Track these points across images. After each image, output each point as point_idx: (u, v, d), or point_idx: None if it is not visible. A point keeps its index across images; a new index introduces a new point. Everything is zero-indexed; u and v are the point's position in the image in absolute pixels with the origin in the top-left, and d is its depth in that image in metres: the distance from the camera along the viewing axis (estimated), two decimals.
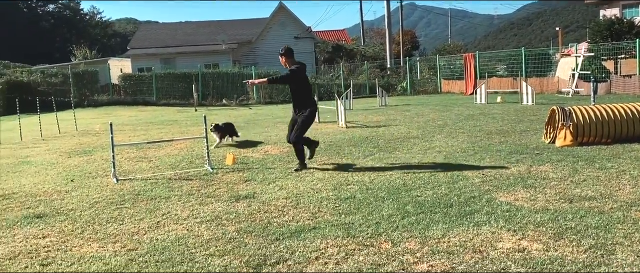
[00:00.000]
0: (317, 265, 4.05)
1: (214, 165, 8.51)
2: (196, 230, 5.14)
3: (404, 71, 32.67)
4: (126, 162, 9.37)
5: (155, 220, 5.56)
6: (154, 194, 6.77)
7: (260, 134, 12.79)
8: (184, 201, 6.34)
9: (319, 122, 14.97)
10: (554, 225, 4.69)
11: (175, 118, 19.47)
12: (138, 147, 11.02)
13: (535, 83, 23.19)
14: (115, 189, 7.19)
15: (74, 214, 5.99)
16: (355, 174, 7.42)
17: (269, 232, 4.93)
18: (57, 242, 4.99)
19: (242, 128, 14.58)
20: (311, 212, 5.57)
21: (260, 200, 6.22)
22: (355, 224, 5.05)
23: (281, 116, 18.33)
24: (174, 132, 14.04)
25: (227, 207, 5.95)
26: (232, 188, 6.90)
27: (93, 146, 11.90)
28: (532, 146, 8.91)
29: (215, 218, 5.53)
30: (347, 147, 9.93)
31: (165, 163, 9.14)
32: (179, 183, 7.40)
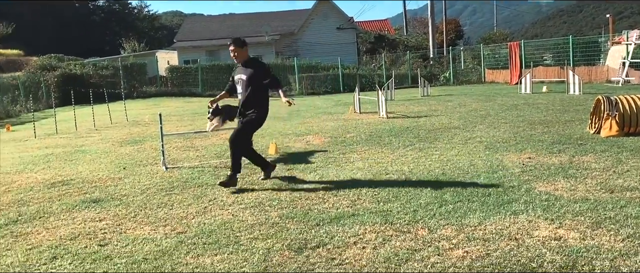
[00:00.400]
0: (355, 250, 4.22)
1: None
2: (241, 215, 5.40)
3: (447, 61, 32.28)
4: (174, 150, 9.77)
5: (203, 206, 5.85)
6: (201, 181, 7.09)
7: (302, 125, 13.03)
8: (229, 188, 6.62)
9: (360, 112, 15.10)
10: (593, 215, 4.70)
11: None
12: (185, 136, 11.45)
13: (584, 72, 22.52)
14: (165, 176, 7.56)
15: (127, 199, 6.36)
16: (394, 163, 7.53)
17: (310, 218, 5.14)
18: (113, 225, 5.34)
19: (285, 119, 14.87)
20: (350, 200, 5.74)
21: (301, 188, 6.43)
22: (393, 211, 5.19)
23: (323, 107, 18.53)
24: None
25: (269, 194, 6.19)
26: (274, 177, 7.13)
27: (143, 136, 12.43)
28: (576, 136, 8.78)
29: (259, 204, 5.77)
30: (387, 137, 10.03)
31: (211, 152, 9.49)
32: (224, 171, 7.70)
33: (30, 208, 6.15)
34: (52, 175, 8.15)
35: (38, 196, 6.77)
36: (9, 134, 15.76)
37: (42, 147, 11.77)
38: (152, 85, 30.78)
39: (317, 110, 17.35)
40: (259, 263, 4.04)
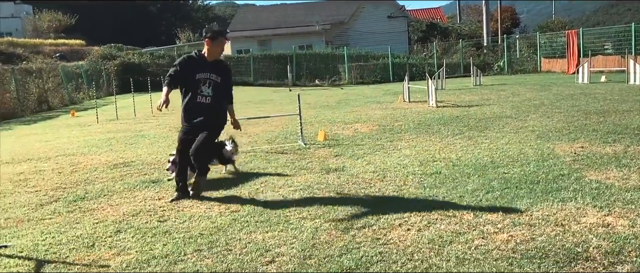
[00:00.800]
0: (400, 231, 4.35)
1: (307, 141, 9.00)
2: (290, 197, 5.61)
3: (501, 50, 31.50)
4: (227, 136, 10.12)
5: (255, 187, 6.11)
6: (253, 165, 7.36)
7: (350, 113, 13.16)
8: (280, 172, 6.87)
9: (410, 101, 15.07)
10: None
11: (271, 97, 20.36)
12: None
13: None
14: None
15: None
16: (442, 151, 7.56)
17: (357, 201, 5.28)
18: (170, 203, 5.67)
19: (333, 107, 15.04)
20: (397, 185, 5.85)
21: (349, 173, 6.58)
22: (438, 197, 5.27)
23: (371, 96, 18.58)
24: (270, 111, 14.78)
25: (318, 178, 6.38)
26: (323, 162, 7.33)
27: None
28: (633, 126, 8.51)
29: (308, 187, 5.97)
30: (436, 126, 10.02)
31: (263, 138, 9.79)
32: (275, 156, 7.96)
33: (95, 187, 6.59)
34: (115, 157, 8.65)
35: (102, 176, 7.23)
36: (74, 120, 16.67)
37: (104, 132, 12.44)
38: None
39: (366, 99, 17.41)
40: (307, 241, 4.23)
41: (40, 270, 3.97)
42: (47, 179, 7.17)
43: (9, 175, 7.63)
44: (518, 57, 30.95)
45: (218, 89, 5.72)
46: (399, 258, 3.77)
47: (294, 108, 14.22)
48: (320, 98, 18.74)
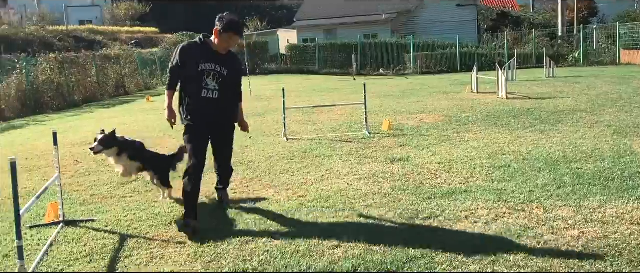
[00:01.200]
0: (466, 223, 4.34)
1: (371, 130, 9.04)
2: (355, 185, 5.71)
3: (577, 40, 30.01)
4: (294, 124, 10.34)
5: (320, 174, 6.25)
6: (319, 153, 7.51)
7: (416, 103, 13.05)
8: (345, 160, 6.97)
9: (478, 92, 14.73)
10: None
11: (336, 86, 20.48)
12: (303, 111, 12.02)
13: None
14: (286, 146, 8.09)
15: (253, 165, 6.96)
16: (512, 144, 7.40)
17: (422, 191, 5.31)
18: (241, 186, 5.92)
19: (398, 97, 14.95)
20: (463, 177, 5.80)
21: (414, 163, 6.59)
22: (507, 190, 5.19)
23: (438, 86, 18.29)
24: (335, 99, 14.89)
25: (383, 168, 6.43)
26: (387, 152, 7.36)
27: (265, 110, 13.23)
28: None
29: (372, 176, 6.04)
30: (505, 118, 9.78)
31: (328, 126, 9.92)
32: (340, 144, 8.08)
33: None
34: None
35: None
36: (149, 104, 17.51)
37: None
38: (273, 62, 32.22)
39: (432, 89, 17.17)
40: (373, 228, 4.32)
41: (123, 244, 4.28)
42: None
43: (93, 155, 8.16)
44: (595, 48, 29.36)
45: (225, 84, 4.69)
46: (465, 250, 3.78)
47: (358, 97, 14.25)
48: (384, 87, 18.66)
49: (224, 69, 4.68)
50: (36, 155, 8.44)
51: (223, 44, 4.64)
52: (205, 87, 4.63)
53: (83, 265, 3.86)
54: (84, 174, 6.89)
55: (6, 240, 4.45)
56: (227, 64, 4.73)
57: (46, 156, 8.29)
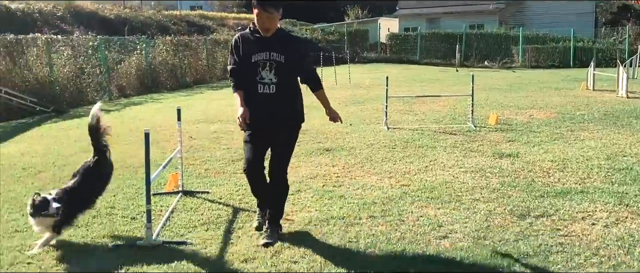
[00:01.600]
0: (583, 225, 4.11)
1: (477, 124, 8.77)
2: (461, 177, 5.59)
3: None
4: (394, 113, 10.29)
5: (424, 165, 6.19)
6: (421, 143, 7.42)
7: (524, 98, 12.46)
8: (449, 152, 6.84)
9: (594, 89, 13.76)
10: None
11: (437, 77, 20.05)
12: (404, 100, 11.91)
13: None
14: (387, 135, 8.08)
15: (354, 151, 7.04)
16: (634, 146, 6.86)
17: (533, 189, 5.08)
18: (344, 171, 6.01)
19: (506, 91, 14.34)
20: (579, 177, 5.48)
21: (524, 160, 6.32)
22: (629, 194, 4.84)
23: (548, 81, 17.31)
24: (436, 90, 14.59)
25: (490, 162, 6.23)
26: (495, 146, 7.11)
27: (364, 98, 13.27)
28: None
29: (479, 170, 5.88)
30: (626, 118, 9.06)
31: (430, 117, 9.76)
32: (443, 136, 7.93)
33: None
34: None
35: None
36: None
37: None
38: (372, 51, 32.12)
39: (542, 84, 16.27)
40: (481, 222, 4.21)
41: (236, 216, 4.53)
42: (235, 139, 8.01)
43: (204, 132, 8.68)
44: None
45: (283, 72, 3.91)
46: (582, 251, 3.59)
47: (461, 89, 13.87)
48: (490, 80, 17.96)
49: (280, 54, 3.89)
50: (154, 130, 9.10)
51: (263, 22, 3.82)
52: (261, 81, 3.88)
53: (201, 233, 4.13)
54: (198, 150, 7.34)
55: (133, 204, 4.88)
56: (282, 48, 3.91)
57: (163, 131, 8.92)
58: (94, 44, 15.89)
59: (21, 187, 5.60)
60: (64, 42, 14.98)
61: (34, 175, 6.12)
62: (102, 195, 4.30)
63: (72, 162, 6.72)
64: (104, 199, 5.04)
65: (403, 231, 4.07)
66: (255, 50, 3.89)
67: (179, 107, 5.32)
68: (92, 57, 15.70)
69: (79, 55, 15.23)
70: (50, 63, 13.67)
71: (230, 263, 3.57)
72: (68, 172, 6.22)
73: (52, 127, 10.26)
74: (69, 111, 12.64)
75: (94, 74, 15.45)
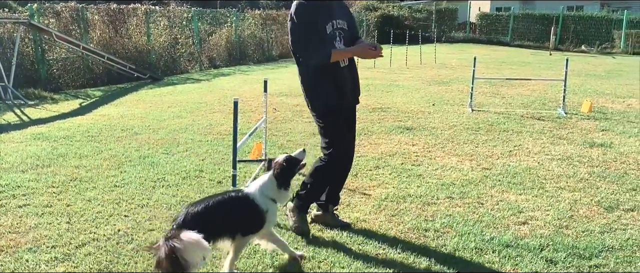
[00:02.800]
0: None
1: (568, 110, 8.36)
2: (546, 165, 5.39)
3: None
4: (480, 95, 10.00)
5: (508, 149, 6.02)
6: (506, 127, 7.20)
7: (623, 86, 11.65)
8: (535, 138, 6.59)
9: None
10: None
11: (528, 60, 19.15)
12: (491, 83, 11.53)
13: None
14: (471, 117, 7.91)
15: (435, 131, 6.96)
16: None
17: (625, 181, 4.82)
18: (423, 151, 5.99)
19: (603, 78, 13.47)
20: None
21: (617, 150, 5.98)
22: None
23: None
24: (526, 74, 13.96)
25: (579, 151, 5.95)
26: (586, 135, 6.77)
27: (449, 78, 12.98)
28: None
29: (567, 158, 5.64)
30: None
31: (517, 101, 9.41)
32: (530, 121, 7.63)
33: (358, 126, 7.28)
34: (373, 102, 9.34)
35: (362, 117, 7.91)
36: None
37: (363, 78, 13.40)
38: (461, 31, 31.13)
39: None
40: (565, 211, 4.08)
41: None
42: None
43: (288, 105, 8.91)
44: None
45: (348, 41, 3.60)
46: None
47: (553, 73, 13.19)
48: (586, 66, 16.91)
49: (344, 21, 3.58)
50: (241, 101, 9.40)
51: None
52: (335, 47, 3.52)
53: None
54: (281, 121, 7.58)
55: (220, 169, 5.16)
56: (344, 14, 3.63)
57: (249, 102, 9.26)
58: (188, 15, 16.63)
59: (119, 146, 6.07)
60: (161, 13, 15.80)
61: (131, 136, 6.61)
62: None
63: (165, 126, 7.19)
64: (193, 163, 5.37)
65: (481, 214, 4.03)
66: (326, 18, 3.50)
67: (266, 78, 5.50)
68: (185, 28, 16.46)
69: (174, 26, 16.02)
70: (148, 32, 14.51)
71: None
72: (162, 135, 6.68)
73: (148, 92, 10.95)
74: (163, 78, 13.40)
75: (187, 44, 16.21)
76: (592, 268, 3.18)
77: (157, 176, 4.92)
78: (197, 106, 8.88)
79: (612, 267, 3.19)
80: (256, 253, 3.32)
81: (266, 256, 3.28)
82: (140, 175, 4.94)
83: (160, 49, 14.88)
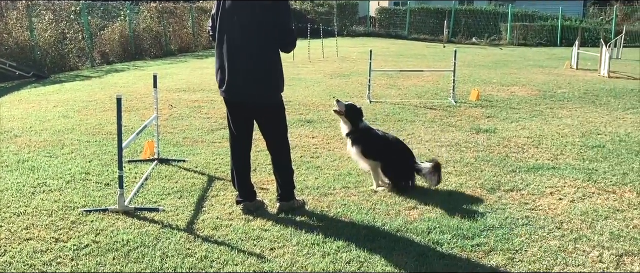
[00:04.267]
0: (550, 199, 4.20)
1: (458, 99, 8.82)
2: (436, 151, 5.65)
3: None
4: (378, 87, 10.29)
5: (402, 138, 6.19)
6: (401, 117, 7.47)
7: (508, 75, 12.53)
8: (427, 126, 6.89)
9: (577, 68, 13.86)
10: None
11: (423, 52, 20.03)
12: (389, 75, 11.92)
13: None
14: (369, 108, 8.09)
15: (335, 123, 7.02)
16: (609, 125, 6.96)
17: (506, 164, 5.16)
18: (322, 143, 6.05)
19: (490, 67, 14.39)
20: (552, 154, 5.57)
21: (500, 135, 6.39)
22: (598, 171, 4.93)
23: (533, 59, 17.39)
24: (422, 66, 14.60)
25: (466, 137, 6.30)
26: (473, 122, 7.18)
27: (350, 71, 13.25)
28: None
29: (455, 144, 5.94)
30: (605, 97, 9.17)
31: (412, 92, 9.79)
32: (423, 110, 7.97)
33: None
34: None
35: None
36: None
37: None
38: (361, 24, 31.92)
39: (527, 61, 16.35)
40: (451, 194, 4.28)
41: (211, 184, 4.56)
42: (217, 108, 7.99)
43: (186, 101, 8.63)
44: None
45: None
46: (547, 225, 3.68)
47: (446, 65, 13.88)
48: (476, 57, 18.00)
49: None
50: (135, 98, 9.03)
51: None
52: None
53: (174, 200, 4.16)
54: (177, 118, 7.32)
55: (108, 171, 4.87)
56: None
57: (144, 98, 8.86)
58: (76, 8, 15.60)
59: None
60: (45, 6, 14.68)
61: (10, 139, 6.07)
62: None
63: (50, 127, 6.68)
64: (79, 165, 5.03)
65: (374, 202, 4.13)
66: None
67: (156, 73, 5.27)
68: (74, 23, 15.43)
69: (60, 20, 14.95)
70: (31, 27, 13.41)
71: (201, 230, 3.61)
72: (45, 136, 6.19)
73: (31, 92, 10.13)
74: (49, 76, 12.47)
75: (76, 39, 15.21)
76: (474, 247, 3.36)
77: (37, 181, 4.55)
78: (86, 105, 8.35)
79: (492, 244, 3.39)
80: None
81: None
82: (17, 181, 4.54)
83: (45, 45, 13.81)
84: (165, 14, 19.86)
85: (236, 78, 3.71)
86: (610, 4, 32.86)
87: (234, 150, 3.97)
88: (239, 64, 3.70)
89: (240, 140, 3.94)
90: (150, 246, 3.33)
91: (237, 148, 3.96)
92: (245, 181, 3.98)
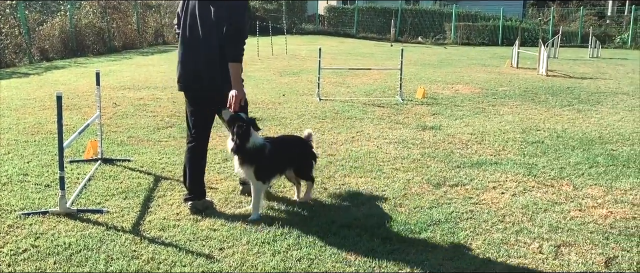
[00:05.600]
0: (493, 193, 4.35)
1: (405, 97, 9.00)
2: (385, 148, 5.74)
3: (627, 21, 28.80)
4: (327, 85, 10.36)
5: (351, 136, 6.30)
6: (350, 115, 7.54)
7: (452, 73, 12.87)
8: (376, 124, 6.99)
9: (517, 67, 14.41)
10: None
11: (371, 51, 20.28)
12: (338, 73, 12.00)
13: None
14: (318, 106, 8.14)
15: (285, 121, 7.05)
16: (547, 121, 7.28)
17: (451, 160, 5.31)
18: None
19: (436, 66, 14.74)
20: (495, 149, 5.77)
21: (445, 132, 6.57)
22: (538, 165, 5.15)
23: (477, 58, 17.94)
24: (370, 64, 14.78)
25: (413, 134, 6.44)
26: (419, 119, 7.34)
27: (300, 69, 13.25)
28: None
29: (402, 141, 6.06)
30: (543, 95, 9.59)
31: (361, 90, 9.91)
32: (372, 108, 8.08)
33: None
34: None
35: None
36: None
37: None
38: (311, 23, 31.97)
39: (470, 60, 16.86)
40: (399, 190, 4.37)
41: (157, 184, 4.45)
42: (163, 106, 7.81)
43: (131, 99, 8.39)
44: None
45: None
46: (490, 218, 3.81)
47: (394, 63, 14.10)
48: (422, 56, 18.40)
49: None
50: (77, 95, 8.70)
51: None
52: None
53: (119, 201, 4.03)
54: (122, 117, 7.10)
55: (48, 172, 4.68)
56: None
57: (86, 96, 8.55)
58: (12, 2, 14.84)
59: None
60: None
61: None
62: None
63: None
64: (16, 166, 4.81)
65: (324, 198, 4.15)
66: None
67: (98, 70, 5.09)
68: (10, 17, 14.68)
69: None
70: None
71: (147, 231, 3.52)
72: None
73: None
74: None
75: (12, 35, 14.48)
76: (421, 241, 3.44)
77: None
78: (23, 103, 7.97)
79: (438, 239, 3.48)
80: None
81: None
82: None
83: None
84: (109, 10, 19.22)
85: (187, 70, 3.84)
86: (548, 5, 34.35)
87: (190, 146, 3.95)
88: (188, 57, 3.81)
89: (196, 135, 3.93)
90: (94, 249, 3.23)
91: (193, 144, 3.94)
92: (198, 179, 3.93)
